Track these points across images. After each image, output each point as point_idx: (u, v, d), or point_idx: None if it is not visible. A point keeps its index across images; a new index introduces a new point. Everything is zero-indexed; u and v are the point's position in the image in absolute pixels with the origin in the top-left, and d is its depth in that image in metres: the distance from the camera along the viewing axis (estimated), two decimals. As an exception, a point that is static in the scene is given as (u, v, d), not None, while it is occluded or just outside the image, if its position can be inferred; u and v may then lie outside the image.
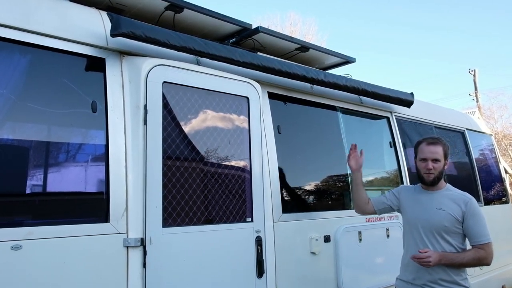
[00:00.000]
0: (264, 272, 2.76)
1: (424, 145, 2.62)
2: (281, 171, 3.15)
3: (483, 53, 47.89)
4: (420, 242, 2.55)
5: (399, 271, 2.76)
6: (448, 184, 2.68)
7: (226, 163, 2.78)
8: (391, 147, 4.22)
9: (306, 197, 3.49)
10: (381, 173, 4.20)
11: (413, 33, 53.07)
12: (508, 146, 19.32)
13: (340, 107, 3.82)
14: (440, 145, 2.60)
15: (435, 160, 2.57)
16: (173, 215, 2.45)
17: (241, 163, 2.84)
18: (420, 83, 46.52)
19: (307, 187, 3.48)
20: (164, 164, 2.45)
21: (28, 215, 2.12)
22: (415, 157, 2.70)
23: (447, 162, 2.63)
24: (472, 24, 52.05)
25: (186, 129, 2.63)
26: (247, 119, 2.91)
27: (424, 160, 2.59)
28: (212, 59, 2.82)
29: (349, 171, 3.70)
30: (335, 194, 3.71)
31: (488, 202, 5.34)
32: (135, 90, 2.49)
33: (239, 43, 3.51)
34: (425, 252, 2.40)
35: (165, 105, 2.54)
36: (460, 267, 2.50)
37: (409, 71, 51.88)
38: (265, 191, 2.91)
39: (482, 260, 2.46)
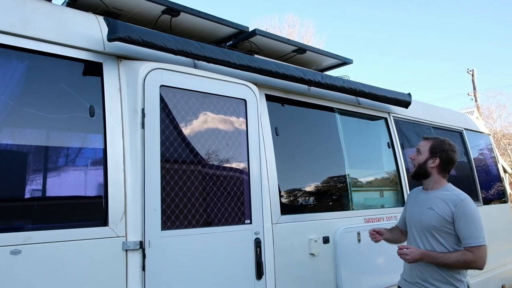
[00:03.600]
0: (263, 274, 2.76)
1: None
2: (279, 173, 3.15)
3: (482, 52, 48.02)
4: (412, 241, 2.57)
5: (398, 271, 2.78)
6: (448, 184, 2.62)
7: (224, 165, 2.79)
8: (389, 147, 4.23)
9: (305, 198, 3.50)
10: (380, 174, 4.21)
11: (411, 33, 53.19)
12: (507, 146, 19.32)
13: (337, 109, 3.83)
14: (429, 140, 2.62)
15: (417, 151, 2.63)
16: (172, 218, 2.46)
17: (239, 165, 2.85)
18: (419, 84, 46.62)
19: (306, 189, 3.49)
20: (162, 167, 2.46)
21: (27, 220, 2.13)
22: None
23: (435, 160, 2.55)
24: (470, 24, 52.18)
25: (184, 132, 2.64)
26: (245, 121, 2.92)
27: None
28: (209, 62, 2.84)
29: (347, 172, 3.72)
30: (333, 195, 3.71)
31: (487, 201, 5.35)
32: (132, 94, 2.50)
33: (236, 46, 3.53)
34: (407, 249, 2.44)
35: (163, 108, 2.55)
36: (446, 267, 2.43)
37: (407, 72, 51.99)
38: (264, 193, 2.92)
39: (470, 264, 2.36)
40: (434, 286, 2.46)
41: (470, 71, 22.47)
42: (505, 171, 7.02)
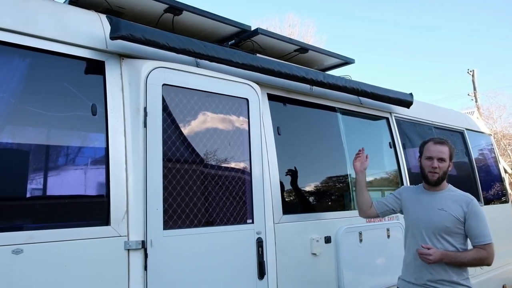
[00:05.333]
0: (265, 274, 2.76)
1: (431, 144, 2.64)
2: (281, 173, 3.15)
3: (482, 53, 47.99)
4: (421, 242, 2.55)
5: (400, 271, 2.77)
6: (450, 184, 2.69)
7: (226, 165, 2.78)
8: (390, 147, 4.22)
9: (307, 198, 3.49)
10: (381, 174, 4.20)
11: (411, 34, 53.18)
12: (507, 146, 19.33)
13: (339, 108, 3.82)
14: (446, 145, 2.63)
15: (441, 160, 2.59)
16: (174, 217, 2.45)
17: (241, 165, 2.84)
18: (419, 84, 46.60)
19: (308, 188, 3.48)
20: (164, 167, 2.45)
21: (29, 219, 2.12)
22: (420, 156, 2.72)
23: (451, 164, 2.64)
24: (470, 24, 52.17)
25: (186, 131, 2.63)
26: (247, 120, 2.91)
27: (430, 158, 2.61)
28: (211, 61, 2.83)
29: (349, 172, 3.71)
30: (335, 195, 3.71)
31: (488, 201, 5.35)
32: (135, 92, 2.49)
33: (238, 45, 3.52)
34: (428, 249, 2.43)
35: (165, 107, 2.54)
36: (461, 266, 2.51)
37: (408, 72, 51.95)
38: (266, 193, 2.91)
39: (484, 260, 2.47)
40: (444, 286, 2.49)
41: (470, 71, 22.46)
42: (505, 171, 7.00)
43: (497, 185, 5.77)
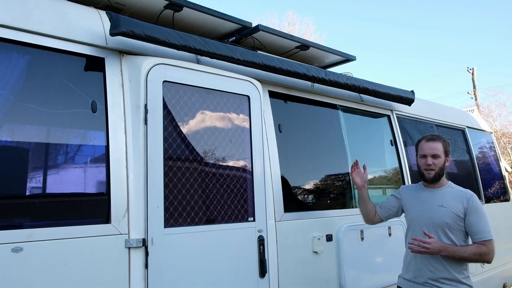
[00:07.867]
0: (266, 272, 2.74)
1: (424, 142, 2.66)
2: (282, 170, 3.13)
3: (482, 51, 47.99)
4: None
5: (401, 269, 2.76)
6: (449, 181, 2.69)
7: (227, 162, 2.76)
8: (392, 145, 4.20)
9: (308, 196, 3.47)
10: (382, 172, 4.19)
11: (411, 32, 53.16)
12: (507, 144, 19.32)
13: (341, 106, 3.80)
14: (439, 141, 2.62)
15: (435, 156, 2.58)
16: (175, 215, 2.43)
17: (242, 163, 2.82)
18: (419, 82, 46.61)
19: (309, 186, 3.46)
20: (165, 164, 2.43)
21: (28, 217, 2.10)
22: (416, 155, 2.72)
23: (448, 159, 2.63)
24: (470, 23, 52.16)
25: (187, 128, 2.61)
26: (248, 118, 2.89)
27: (424, 156, 2.62)
28: (212, 57, 2.80)
29: (350, 170, 3.69)
30: (336, 193, 3.69)
31: (488, 200, 5.33)
32: (135, 89, 2.46)
33: (239, 42, 3.50)
34: (429, 238, 2.42)
35: (166, 104, 2.52)
36: (461, 263, 2.49)
37: (407, 70, 51.96)
38: (267, 191, 2.89)
39: (484, 256, 2.45)
40: (445, 284, 2.48)
41: (470, 69, 22.45)
42: (506, 170, 6.99)
43: (498, 183, 5.75)
